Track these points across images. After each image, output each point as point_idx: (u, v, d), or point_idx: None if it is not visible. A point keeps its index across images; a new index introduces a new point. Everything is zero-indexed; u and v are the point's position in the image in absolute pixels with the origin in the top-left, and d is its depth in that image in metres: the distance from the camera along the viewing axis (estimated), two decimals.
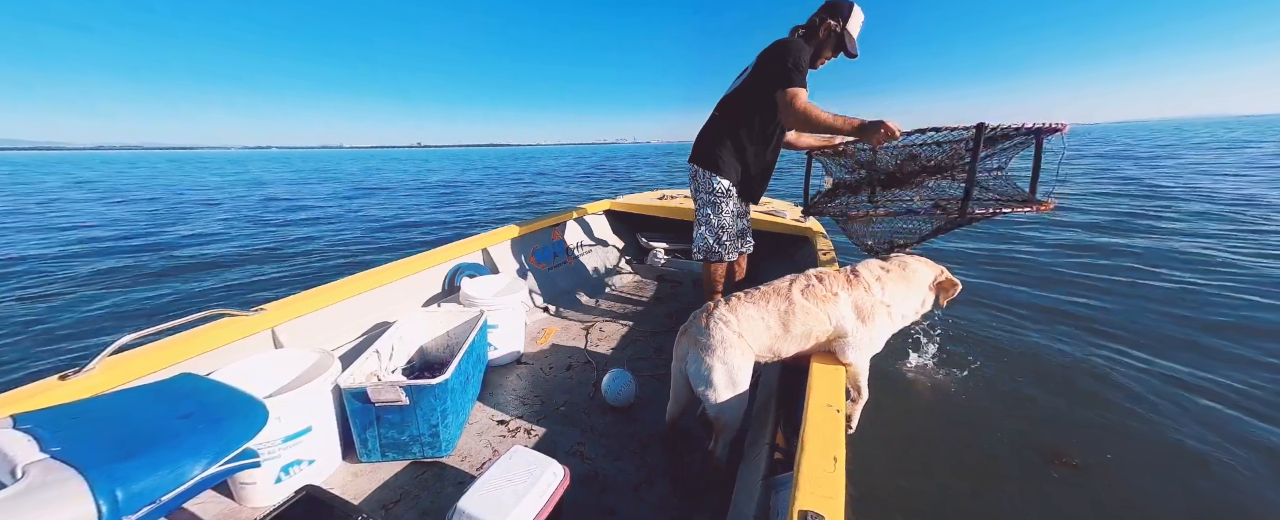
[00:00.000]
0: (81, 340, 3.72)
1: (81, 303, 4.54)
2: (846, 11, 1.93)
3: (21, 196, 14.91)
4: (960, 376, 2.69)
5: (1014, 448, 2.15)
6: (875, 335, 1.51)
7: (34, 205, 12.56)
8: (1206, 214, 6.93)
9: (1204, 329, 3.24)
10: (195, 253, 6.77)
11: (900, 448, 2.15)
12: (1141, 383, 2.62)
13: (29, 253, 6.78)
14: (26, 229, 8.81)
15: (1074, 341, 3.12)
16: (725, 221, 2.17)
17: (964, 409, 2.45)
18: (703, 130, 2.24)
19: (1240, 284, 4.04)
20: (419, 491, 1.51)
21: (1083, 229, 6.39)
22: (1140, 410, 2.40)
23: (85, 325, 4.00)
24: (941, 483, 1.96)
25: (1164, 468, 2.03)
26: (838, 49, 2.01)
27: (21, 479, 0.80)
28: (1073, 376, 2.72)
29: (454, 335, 2.16)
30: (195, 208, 11.93)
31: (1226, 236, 5.61)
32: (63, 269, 5.86)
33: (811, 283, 1.54)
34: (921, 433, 2.28)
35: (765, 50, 1.97)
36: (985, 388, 2.60)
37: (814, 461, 0.96)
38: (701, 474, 1.57)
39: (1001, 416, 2.37)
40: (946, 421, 2.37)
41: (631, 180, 19.57)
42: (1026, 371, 2.76)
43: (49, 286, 5.09)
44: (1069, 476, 1.98)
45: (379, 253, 6.71)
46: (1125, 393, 2.55)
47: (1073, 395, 2.54)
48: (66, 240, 7.73)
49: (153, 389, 1.18)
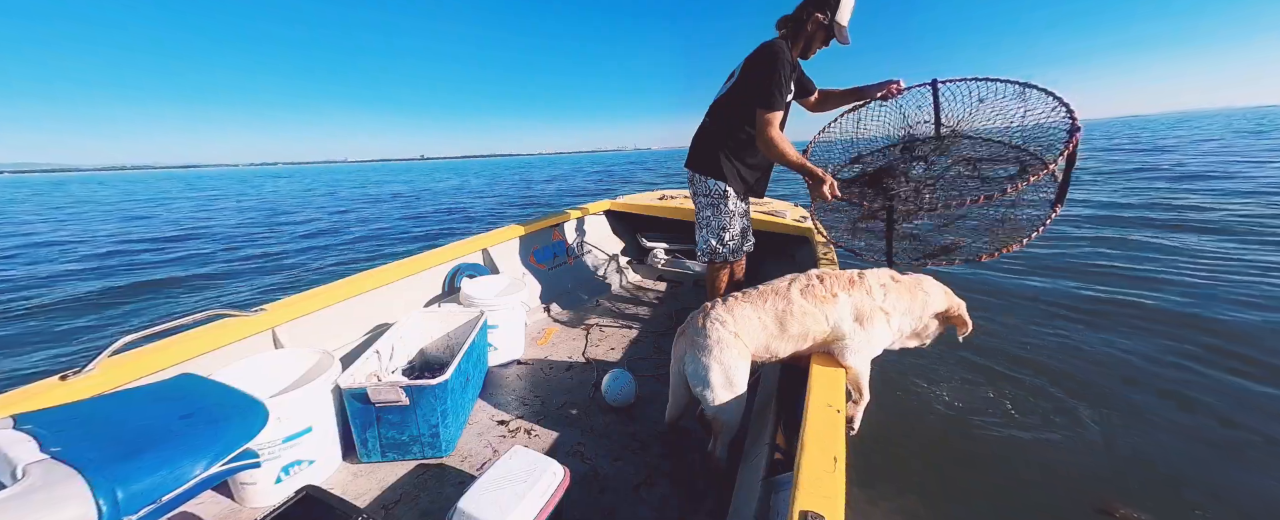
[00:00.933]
0: (81, 340, 3.72)
1: (81, 305, 4.55)
2: (834, 2, 1.87)
3: (35, 217, 14.95)
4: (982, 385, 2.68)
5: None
6: (873, 340, 1.48)
7: (44, 223, 12.61)
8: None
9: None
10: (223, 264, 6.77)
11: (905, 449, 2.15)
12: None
13: (35, 263, 6.81)
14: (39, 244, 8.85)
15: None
16: (726, 222, 2.17)
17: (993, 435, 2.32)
18: (696, 135, 2.24)
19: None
20: (419, 492, 1.51)
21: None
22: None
23: (85, 325, 4.01)
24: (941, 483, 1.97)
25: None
26: (828, 39, 1.96)
27: (22, 479, 0.80)
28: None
29: (454, 336, 2.16)
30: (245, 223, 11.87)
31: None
32: (61, 280, 5.88)
33: (812, 283, 1.53)
34: (922, 431, 2.29)
35: (751, 56, 1.95)
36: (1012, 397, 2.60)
37: (814, 462, 0.96)
38: (701, 474, 1.57)
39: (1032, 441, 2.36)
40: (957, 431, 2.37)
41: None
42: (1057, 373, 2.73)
43: (49, 293, 5.10)
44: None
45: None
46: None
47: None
48: (65, 255, 7.77)
49: (153, 389, 1.18)
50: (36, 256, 7.71)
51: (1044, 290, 4.03)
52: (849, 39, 1.95)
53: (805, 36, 1.95)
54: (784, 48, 1.90)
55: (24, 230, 11.36)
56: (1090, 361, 2.86)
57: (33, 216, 14.65)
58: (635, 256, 3.98)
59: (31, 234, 10.60)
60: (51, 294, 5.19)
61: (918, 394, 2.56)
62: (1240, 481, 1.92)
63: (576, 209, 3.63)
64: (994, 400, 2.51)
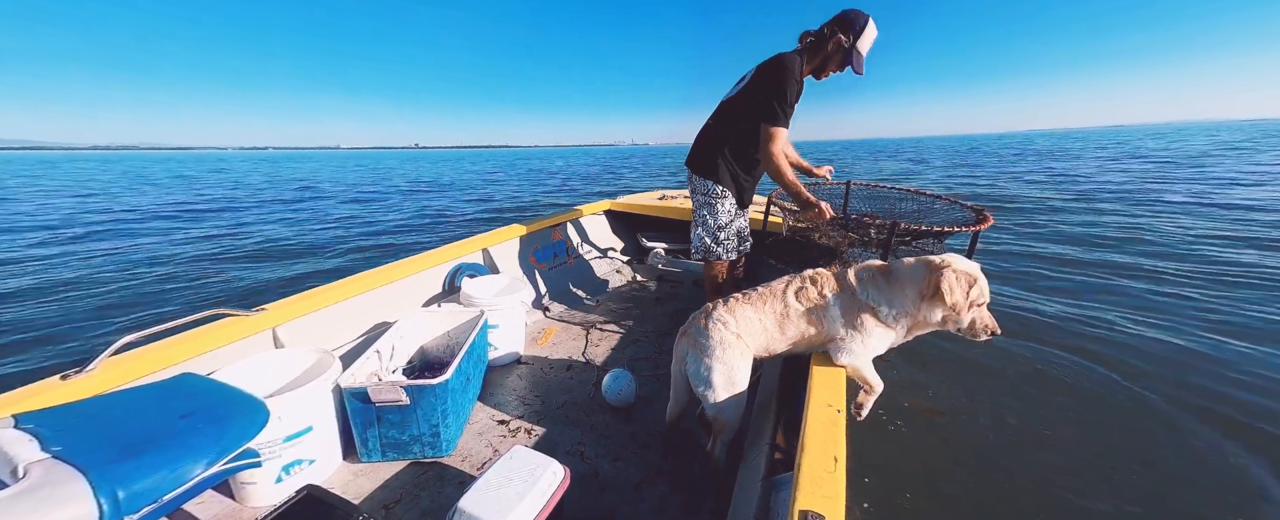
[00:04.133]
0: (82, 340, 3.72)
1: (81, 304, 4.55)
2: (860, 27, 1.84)
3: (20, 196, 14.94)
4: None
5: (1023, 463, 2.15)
6: (867, 340, 1.44)
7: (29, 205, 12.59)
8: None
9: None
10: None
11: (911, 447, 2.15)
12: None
13: (29, 251, 6.81)
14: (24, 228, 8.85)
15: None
16: (721, 222, 2.18)
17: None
18: (700, 135, 2.25)
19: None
20: (419, 491, 1.51)
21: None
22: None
23: (85, 325, 4.01)
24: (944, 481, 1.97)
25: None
26: (844, 64, 1.93)
27: (23, 479, 0.80)
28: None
29: (454, 335, 2.16)
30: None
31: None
32: (61, 266, 5.88)
33: (805, 285, 1.53)
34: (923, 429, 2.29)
35: (764, 66, 1.94)
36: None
37: (814, 461, 0.96)
38: (702, 474, 1.57)
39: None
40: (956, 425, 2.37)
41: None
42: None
43: (50, 286, 5.10)
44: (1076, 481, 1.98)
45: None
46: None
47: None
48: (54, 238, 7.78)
49: (153, 389, 1.18)
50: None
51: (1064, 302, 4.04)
52: (863, 70, 1.93)
53: (824, 55, 1.92)
54: (798, 65, 1.87)
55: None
56: (1097, 364, 2.87)
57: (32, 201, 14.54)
58: (635, 256, 3.99)
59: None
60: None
61: (918, 394, 2.57)
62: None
63: (577, 209, 3.63)
64: (994, 400, 2.52)
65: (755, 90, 1.94)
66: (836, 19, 1.89)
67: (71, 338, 3.75)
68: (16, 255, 6.62)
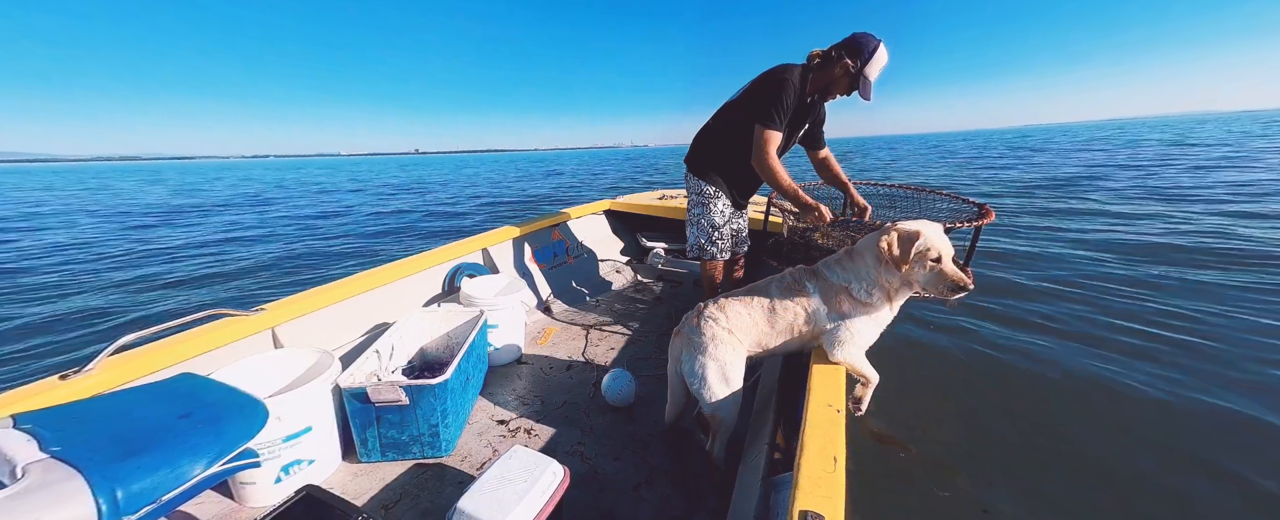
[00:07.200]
0: (81, 340, 3.72)
1: (81, 304, 4.55)
2: (869, 53, 1.77)
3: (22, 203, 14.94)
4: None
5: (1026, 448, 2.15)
6: (853, 325, 1.45)
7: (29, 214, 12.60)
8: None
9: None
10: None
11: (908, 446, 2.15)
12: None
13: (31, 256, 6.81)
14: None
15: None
16: (716, 222, 2.18)
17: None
18: (699, 134, 2.26)
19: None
20: (419, 491, 1.51)
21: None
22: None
23: (85, 325, 4.01)
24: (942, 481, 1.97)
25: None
26: (851, 89, 1.88)
27: (22, 479, 0.80)
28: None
29: (454, 335, 2.16)
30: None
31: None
32: (65, 270, 5.88)
33: (787, 279, 1.57)
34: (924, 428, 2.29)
35: (763, 75, 1.94)
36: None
37: (814, 461, 0.95)
38: (701, 474, 1.57)
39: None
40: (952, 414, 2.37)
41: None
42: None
43: (51, 287, 5.10)
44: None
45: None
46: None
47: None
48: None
49: (153, 389, 1.18)
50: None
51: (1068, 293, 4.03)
52: (871, 97, 1.86)
53: (830, 76, 1.87)
54: (796, 75, 1.86)
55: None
56: (1094, 363, 2.86)
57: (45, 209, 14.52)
58: (635, 256, 3.98)
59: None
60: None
61: (918, 394, 2.57)
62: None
63: (576, 209, 3.63)
64: (994, 401, 2.51)
65: (753, 93, 1.95)
66: (846, 42, 1.83)
67: (71, 338, 3.75)
68: (27, 261, 6.63)
